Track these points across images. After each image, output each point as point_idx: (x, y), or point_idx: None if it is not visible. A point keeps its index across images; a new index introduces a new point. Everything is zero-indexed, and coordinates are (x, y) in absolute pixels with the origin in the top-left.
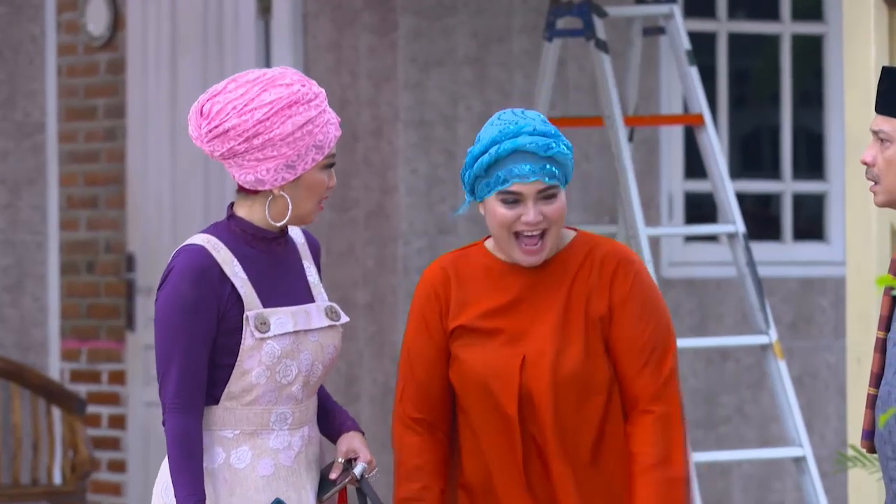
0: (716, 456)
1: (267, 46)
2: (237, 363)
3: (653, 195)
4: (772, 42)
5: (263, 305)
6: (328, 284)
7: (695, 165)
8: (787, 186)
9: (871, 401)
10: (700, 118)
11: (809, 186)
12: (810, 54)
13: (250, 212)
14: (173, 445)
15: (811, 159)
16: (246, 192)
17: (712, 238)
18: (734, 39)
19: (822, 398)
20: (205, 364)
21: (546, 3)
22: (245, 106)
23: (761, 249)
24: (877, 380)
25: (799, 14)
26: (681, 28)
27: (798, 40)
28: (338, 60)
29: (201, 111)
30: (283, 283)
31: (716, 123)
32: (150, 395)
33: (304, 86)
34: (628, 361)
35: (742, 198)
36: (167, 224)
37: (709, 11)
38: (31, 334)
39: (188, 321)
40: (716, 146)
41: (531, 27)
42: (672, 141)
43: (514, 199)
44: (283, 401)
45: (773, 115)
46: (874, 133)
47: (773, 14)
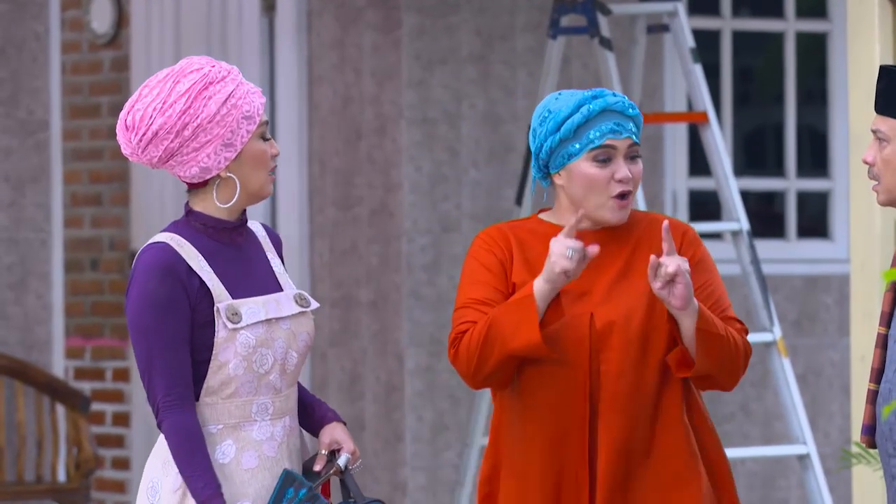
0: None
1: (271, 44)
2: (213, 357)
3: (657, 192)
4: (776, 40)
5: (233, 297)
6: (332, 282)
7: (699, 163)
8: (791, 184)
9: (872, 396)
10: (704, 116)
11: (813, 184)
12: (814, 52)
13: (206, 205)
14: (177, 443)
15: (815, 157)
16: (195, 187)
17: (716, 235)
18: (738, 37)
19: (827, 396)
20: (188, 359)
21: (550, 0)
22: (164, 104)
23: (765, 247)
24: (877, 375)
25: (803, 12)
26: (685, 26)
27: (802, 38)
28: (341, 58)
29: (125, 125)
30: (249, 274)
31: (720, 121)
32: None
33: (213, 66)
34: (717, 302)
35: (746, 195)
36: (171, 220)
37: (713, 9)
38: (35, 332)
39: (162, 318)
40: (720, 144)
41: (535, 25)
42: (676, 138)
43: (606, 157)
44: (262, 391)
45: (777, 112)
46: (873, 133)
47: (777, 12)
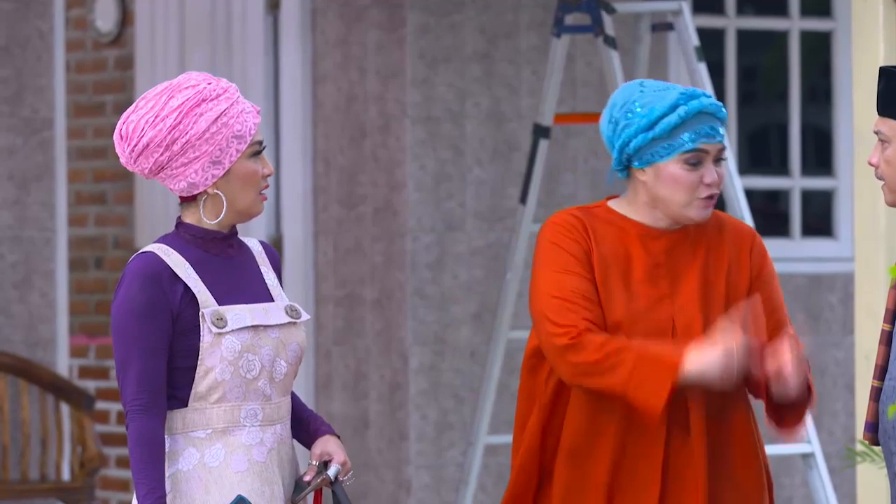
0: None
1: (275, 43)
2: (199, 362)
3: None
4: (780, 38)
5: (219, 303)
6: (336, 280)
7: None
8: (795, 183)
9: (875, 393)
10: None
11: (818, 183)
12: (819, 51)
13: (196, 218)
14: (136, 446)
15: (819, 156)
16: (186, 200)
17: None
18: (743, 36)
19: (831, 394)
20: (163, 366)
21: None
22: (156, 117)
23: (770, 245)
24: (881, 372)
25: (807, 10)
26: (689, 24)
27: (806, 37)
28: (346, 56)
29: (120, 135)
30: (238, 284)
31: None
32: None
33: (209, 83)
34: (772, 322)
35: (751, 194)
36: (174, 220)
37: (717, 8)
38: (40, 331)
39: (142, 325)
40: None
41: (539, 23)
42: None
43: (697, 161)
44: (251, 397)
45: (781, 111)
46: (876, 134)
47: (781, 10)
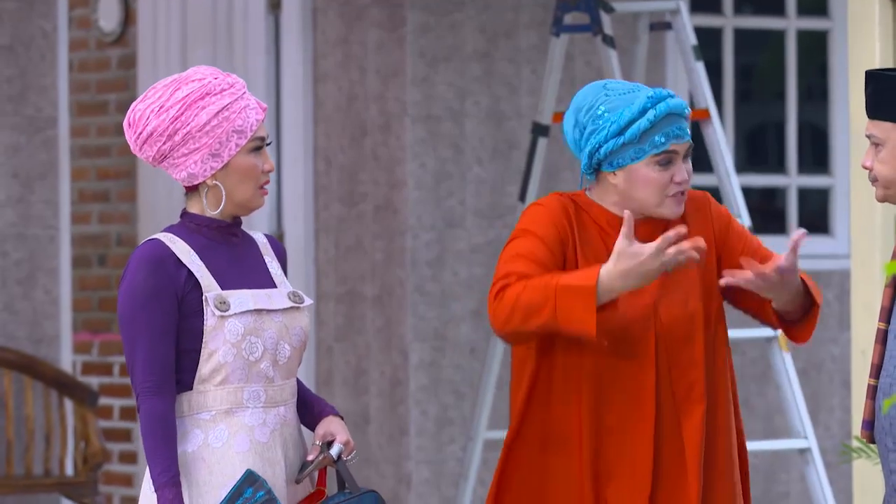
0: None
1: (276, 42)
2: (203, 345)
3: None
4: (777, 38)
5: (222, 288)
6: (337, 277)
7: (701, 159)
8: (792, 180)
9: (872, 391)
10: (706, 113)
11: (814, 181)
12: (815, 50)
13: (200, 208)
14: (148, 427)
15: (816, 154)
16: (190, 190)
17: None
18: (740, 35)
19: (827, 390)
20: (171, 349)
21: None
22: (161, 107)
23: (767, 243)
24: (877, 370)
25: (804, 10)
26: (687, 23)
27: (803, 36)
28: (346, 56)
29: (128, 122)
30: (241, 270)
31: (722, 118)
32: None
33: (216, 78)
34: (757, 250)
35: (748, 192)
36: (177, 218)
37: (715, 7)
38: (44, 327)
39: (147, 309)
40: (722, 140)
41: (538, 23)
42: None
43: (668, 161)
44: (253, 378)
45: (778, 109)
46: (868, 138)
47: (778, 10)
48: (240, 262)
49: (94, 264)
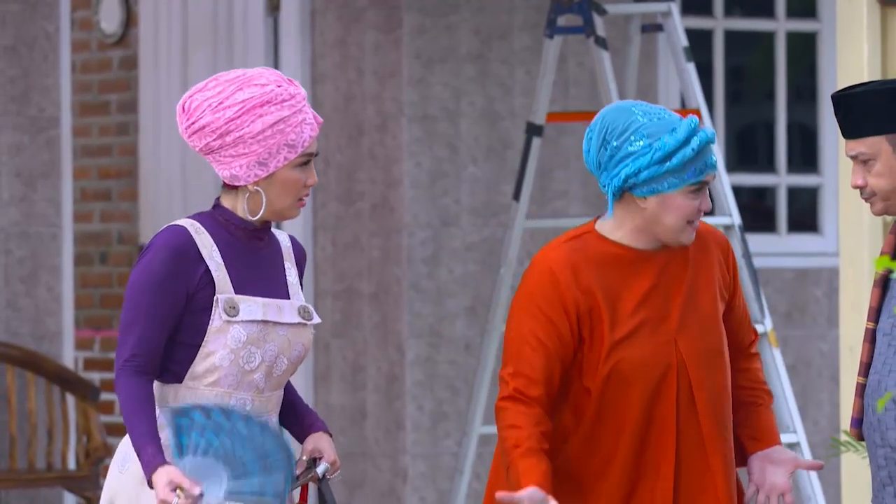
0: None
1: (275, 43)
2: (203, 344)
3: None
4: (767, 39)
5: (235, 292)
6: (334, 274)
7: None
8: (781, 179)
9: (860, 389)
10: (697, 113)
11: (804, 180)
12: (804, 51)
13: (234, 204)
14: (129, 400)
15: (805, 153)
16: (229, 186)
17: None
18: (730, 36)
19: (816, 385)
20: (163, 338)
21: (547, 0)
22: (220, 104)
23: (757, 241)
24: (865, 369)
25: (793, 12)
26: (678, 25)
27: (793, 37)
28: (344, 57)
29: (183, 107)
30: (258, 276)
31: (712, 118)
32: None
33: (279, 86)
34: (742, 319)
35: (738, 190)
36: (178, 216)
37: (706, 9)
38: (46, 324)
39: (155, 294)
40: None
41: (532, 24)
42: None
43: (699, 190)
44: (244, 387)
45: (768, 110)
46: (853, 158)
47: (768, 12)
48: (259, 268)
49: (95, 262)
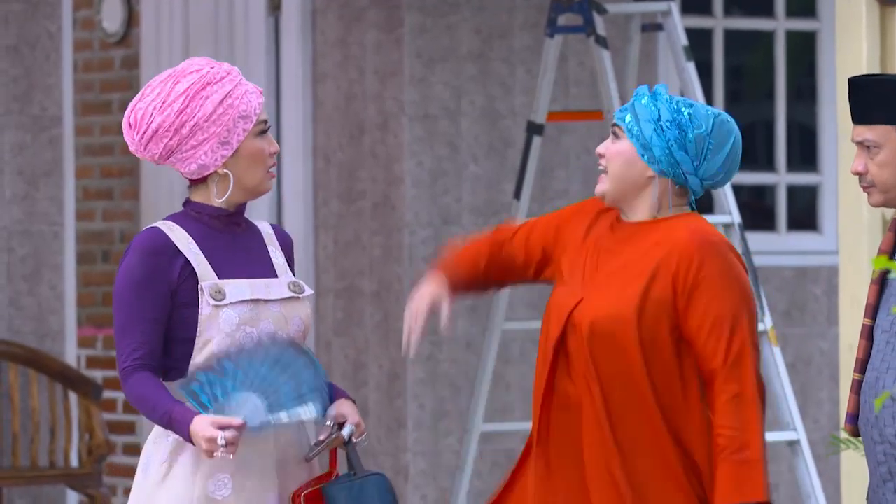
0: None
1: (276, 43)
2: (198, 334)
3: None
4: (767, 38)
5: (219, 277)
6: (336, 273)
7: None
8: (781, 178)
9: (857, 386)
10: None
11: (803, 178)
12: (804, 50)
13: (205, 197)
14: (141, 390)
15: (805, 152)
16: (195, 182)
17: None
18: (730, 36)
19: (816, 383)
20: (160, 335)
21: (547, 0)
22: (163, 103)
23: (756, 239)
24: (862, 365)
25: (793, 11)
26: (678, 24)
27: (792, 37)
28: (345, 56)
29: (129, 123)
30: (241, 259)
31: None
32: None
33: (212, 67)
34: (697, 340)
35: (738, 189)
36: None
37: (705, 8)
38: (49, 322)
39: (140, 294)
40: None
41: (532, 24)
42: None
43: None
44: None
45: (767, 109)
46: (858, 143)
47: (767, 11)
48: (240, 251)
49: (97, 261)
